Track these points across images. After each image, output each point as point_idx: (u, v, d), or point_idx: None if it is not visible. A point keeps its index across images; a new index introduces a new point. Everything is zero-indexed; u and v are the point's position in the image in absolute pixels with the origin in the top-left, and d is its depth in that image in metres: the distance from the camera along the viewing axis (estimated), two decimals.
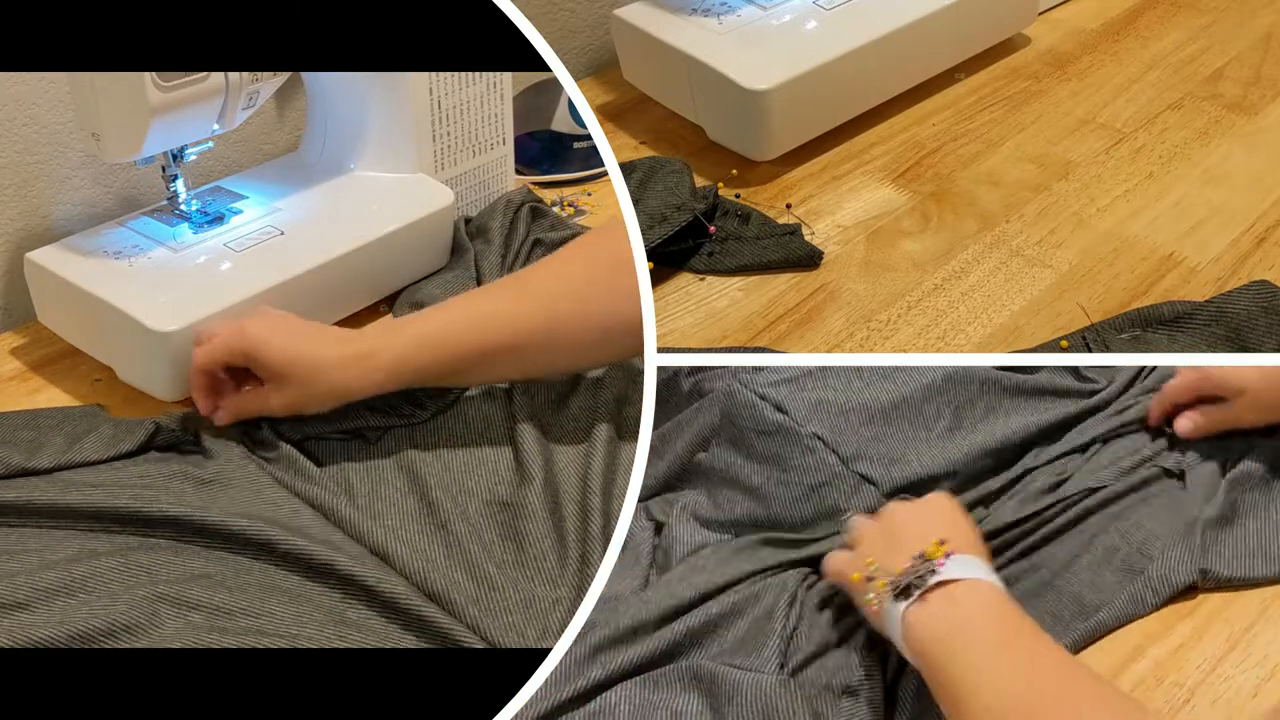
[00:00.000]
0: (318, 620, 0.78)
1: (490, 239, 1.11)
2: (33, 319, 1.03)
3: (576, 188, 1.26)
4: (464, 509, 0.87)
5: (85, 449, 0.89)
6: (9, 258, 1.06)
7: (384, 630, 0.78)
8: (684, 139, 1.19)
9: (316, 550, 0.81)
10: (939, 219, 1.07)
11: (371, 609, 0.79)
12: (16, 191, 1.05)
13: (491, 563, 0.83)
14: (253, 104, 0.99)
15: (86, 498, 0.84)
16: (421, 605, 0.78)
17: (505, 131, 1.19)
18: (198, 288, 0.96)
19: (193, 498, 0.85)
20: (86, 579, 0.78)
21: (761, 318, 0.99)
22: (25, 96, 1.03)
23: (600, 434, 0.92)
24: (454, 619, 0.78)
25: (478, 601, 0.80)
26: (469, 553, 0.83)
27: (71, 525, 0.83)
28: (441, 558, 0.83)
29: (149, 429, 0.91)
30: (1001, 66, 1.28)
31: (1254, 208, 1.07)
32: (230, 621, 0.77)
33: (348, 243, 1.03)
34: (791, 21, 1.16)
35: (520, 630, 0.79)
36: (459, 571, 0.82)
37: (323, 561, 0.80)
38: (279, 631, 0.77)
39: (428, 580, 0.81)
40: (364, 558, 0.82)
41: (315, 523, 0.85)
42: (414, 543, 0.84)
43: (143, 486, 0.86)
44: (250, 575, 0.81)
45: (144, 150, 0.95)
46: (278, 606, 0.78)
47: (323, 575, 0.81)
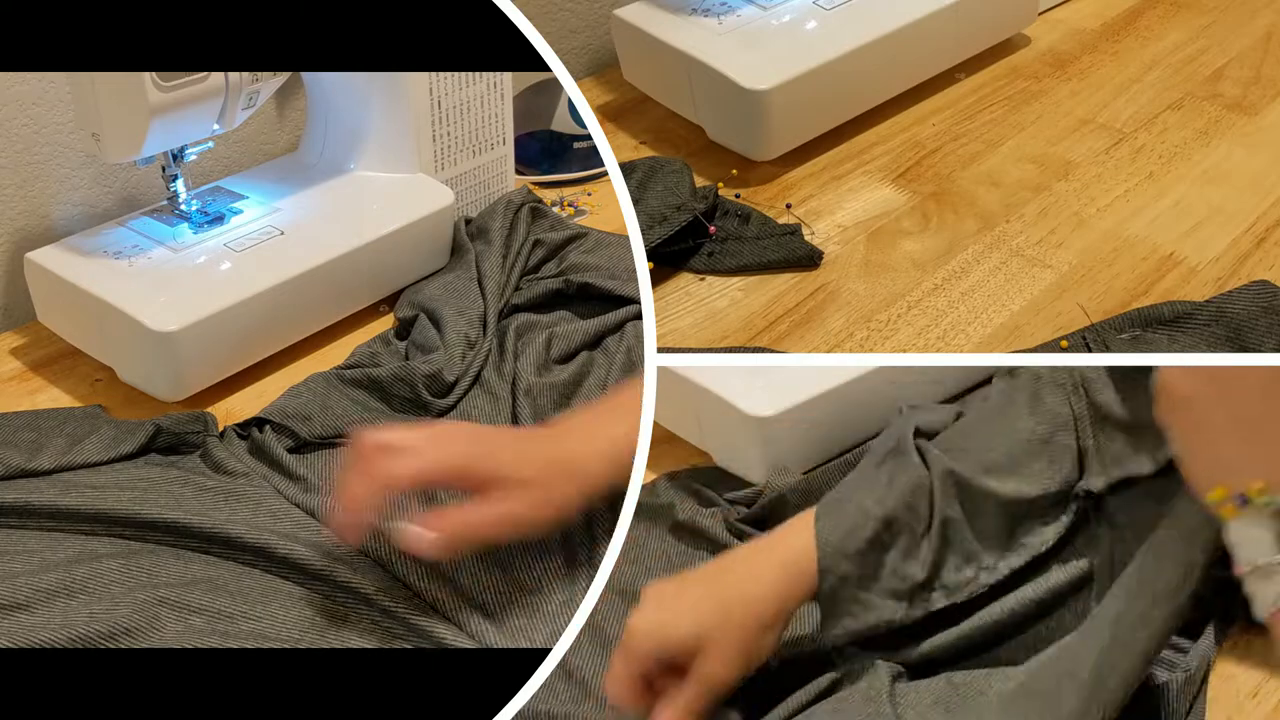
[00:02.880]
0: (319, 625, 0.78)
1: (491, 239, 1.11)
2: (33, 319, 1.03)
3: (576, 188, 1.26)
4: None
5: (86, 450, 0.89)
6: (9, 258, 1.06)
7: (385, 639, 0.78)
8: (684, 139, 1.19)
9: (312, 558, 0.81)
10: (939, 219, 1.07)
11: (372, 617, 0.79)
12: (16, 191, 1.05)
13: (497, 567, 0.83)
14: (253, 104, 0.99)
15: (87, 500, 0.84)
16: (422, 616, 0.78)
17: (505, 131, 1.19)
18: (198, 288, 0.96)
19: (193, 503, 0.85)
20: (88, 581, 0.78)
21: (761, 318, 0.99)
22: (25, 96, 1.03)
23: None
24: (457, 629, 0.78)
25: (483, 607, 0.80)
26: (472, 561, 0.83)
27: (73, 527, 0.83)
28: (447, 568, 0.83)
29: (149, 430, 0.91)
30: (1001, 66, 1.28)
31: (1254, 208, 1.07)
32: (231, 625, 0.77)
33: (348, 243, 1.03)
34: (791, 21, 1.16)
35: (527, 635, 0.79)
36: (465, 575, 0.82)
37: (320, 569, 0.80)
38: (281, 636, 0.77)
39: (429, 590, 0.80)
40: (364, 568, 0.81)
41: (314, 529, 0.85)
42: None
43: (143, 489, 0.86)
44: (251, 580, 0.81)
45: (144, 150, 0.95)
46: (279, 610, 0.78)
47: (321, 580, 0.81)
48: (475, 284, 1.07)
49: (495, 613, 0.80)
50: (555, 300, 1.08)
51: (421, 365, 0.97)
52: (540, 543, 0.84)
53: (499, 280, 1.07)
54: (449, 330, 1.01)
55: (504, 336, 1.03)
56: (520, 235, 1.12)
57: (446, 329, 1.01)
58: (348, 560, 0.81)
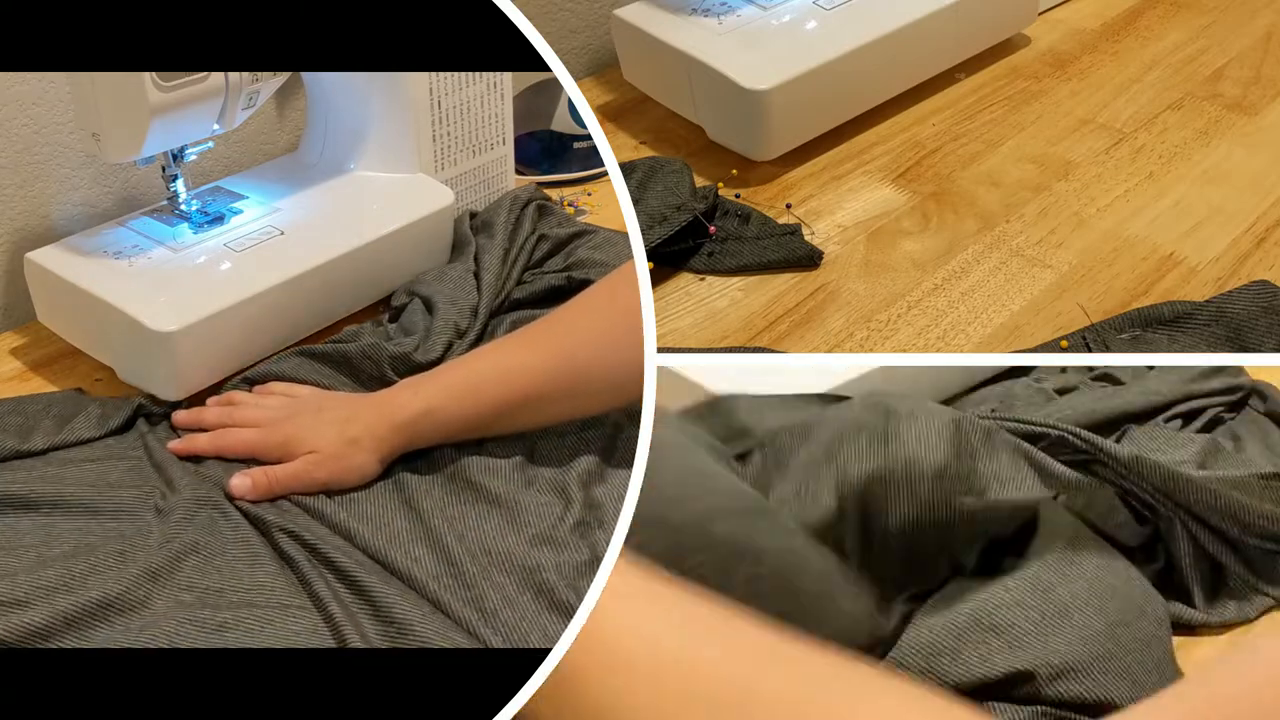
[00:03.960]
0: (295, 587, 0.80)
1: (494, 233, 1.11)
2: (33, 319, 1.03)
3: (576, 188, 1.26)
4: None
5: (77, 429, 0.91)
6: (9, 258, 1.06)
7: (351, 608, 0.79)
8: (684, 139, 1.19)
9: (300, 526, 0.83)
10: (939, 219, 1.07)
11: (354, 598, 0.80)
12: (16, 191, 1.05)
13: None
14: (253, 104, 0.99)
15: (75, 490, 0.85)
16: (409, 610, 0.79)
17: (505, 131, 1.19)
18: (198, 288, 0.96)
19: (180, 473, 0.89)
20: (87, 576, 0.78)
21: (761, 318, 0.99)
22: (25, 96, 1.03)
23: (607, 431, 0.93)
24: (445, 619, 0.79)
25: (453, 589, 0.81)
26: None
27: (65, 514, 0.85)
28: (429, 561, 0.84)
29: (134, 405, 0.94)
30: (1001, 66, 1.28)
31: (1254, 208, 1.07)
32: (220, 598, 0.79)
33: (348, 243, 1.03)
34: (791, 21, 1.16)
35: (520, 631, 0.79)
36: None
37: (311, 542, 0.82)
38: (270, 603, 0.78)
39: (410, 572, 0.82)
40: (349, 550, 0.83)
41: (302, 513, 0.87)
42: (407, 548, 0.84)
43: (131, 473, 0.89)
44: (237, 549, 0.83)
45: (144, 150, 0.95)
46: (265, 578, 0.80)
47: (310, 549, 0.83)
48: (474, 277, 1.07)
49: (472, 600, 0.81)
50: (558, 296, 1.08)
51: (391, 345, 0.98)
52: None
53: (498, 273, 1.07)
54: (439, 318, 1.01)
55: (497, 329, 1.03)
56: (525, 230, 1.12)
57: (437, 316, 1.02)
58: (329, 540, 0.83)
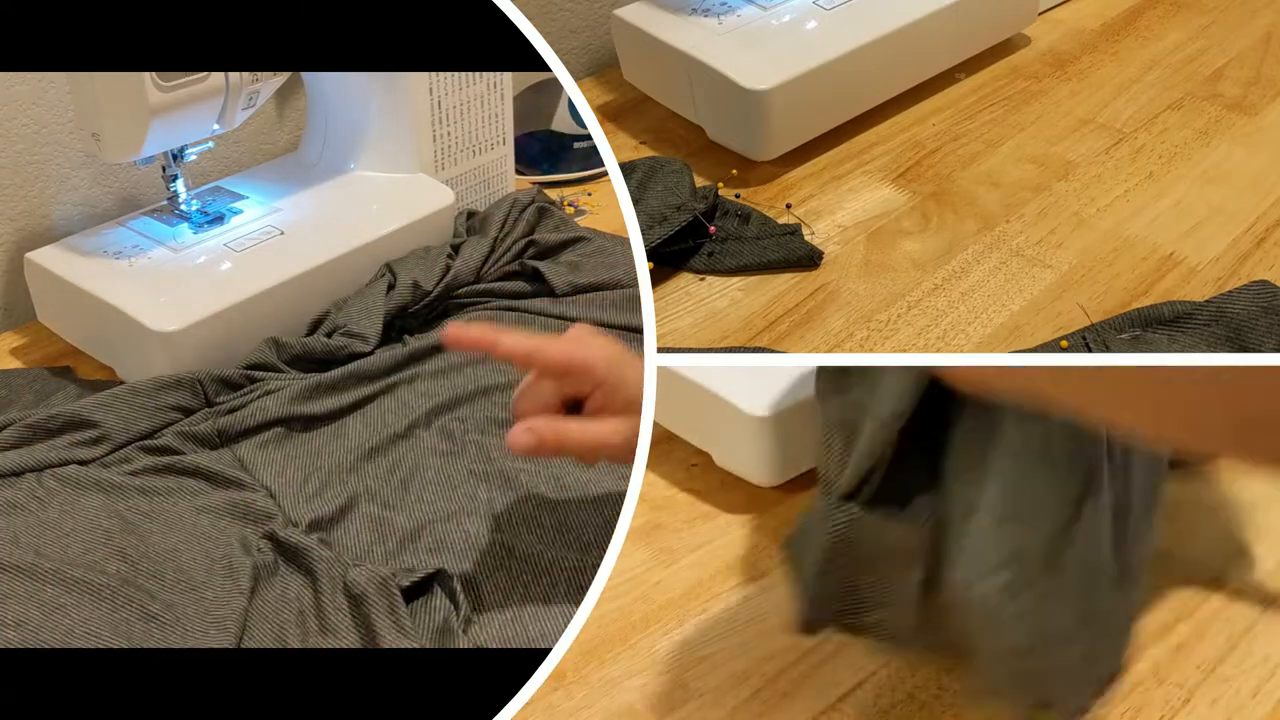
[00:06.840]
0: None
1: (486, 233, 1.11)
2: (33, 319, 1.03)
3: (576, 188, 1.26)
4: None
5: (54, 405, 0.92)
6: (9, 258, 1.06)
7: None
8: (684, 139, 1.19)
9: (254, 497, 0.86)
10: (939, 219, 1.07)
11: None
12: (16, 191, 1.05)
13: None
14: (253, 104, 0.99)
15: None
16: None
17: (505, 131, 1.19)
18: (198, 288, 0.96)
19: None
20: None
21: (761, 318, 0.99)
22: (25, 96, 1.03)
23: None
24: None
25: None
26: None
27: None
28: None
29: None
30: (1001, 66, 1.28)
31: (1254, 208, 1.07)
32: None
33: (348, 243, 1.03)
34: (791, 21, 1.16)
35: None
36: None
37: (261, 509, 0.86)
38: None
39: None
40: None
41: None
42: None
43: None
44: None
45: (144, 150, 0.95)
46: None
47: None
48: (444, 261, 1.07)
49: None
50: (515, 278, 1.11)
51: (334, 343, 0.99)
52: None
53: (473, 264, 1.08)
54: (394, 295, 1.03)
55: (459, 315, 1.06)
56: (516, 234, 1.12)
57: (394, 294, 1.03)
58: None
